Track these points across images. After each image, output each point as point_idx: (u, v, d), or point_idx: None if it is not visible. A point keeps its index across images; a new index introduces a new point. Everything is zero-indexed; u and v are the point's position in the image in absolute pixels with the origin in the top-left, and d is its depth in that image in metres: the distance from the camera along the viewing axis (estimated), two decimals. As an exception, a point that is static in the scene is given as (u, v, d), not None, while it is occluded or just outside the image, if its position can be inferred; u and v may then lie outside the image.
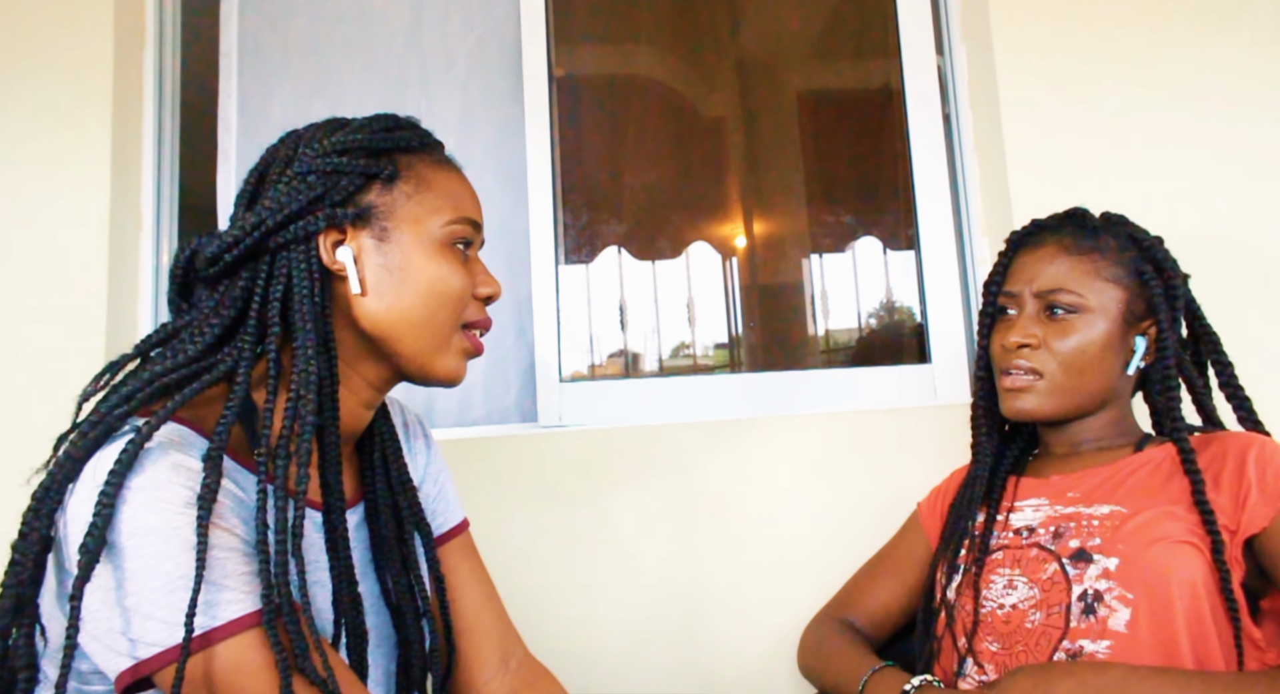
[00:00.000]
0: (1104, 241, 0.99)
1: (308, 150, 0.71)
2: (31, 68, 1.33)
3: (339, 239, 0.72)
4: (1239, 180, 1.38)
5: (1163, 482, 0.91)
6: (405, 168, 0.74)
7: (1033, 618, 0.89)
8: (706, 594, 1.30)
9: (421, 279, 0.72)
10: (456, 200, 0.76)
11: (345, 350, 0.74)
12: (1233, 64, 1.41)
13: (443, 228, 0.74)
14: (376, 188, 0.73)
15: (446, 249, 0.74)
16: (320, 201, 0.70)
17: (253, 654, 0.58)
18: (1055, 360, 0.96)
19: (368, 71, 1.52)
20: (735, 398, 1.44)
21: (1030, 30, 1.41)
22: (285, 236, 0.69)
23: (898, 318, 1.60)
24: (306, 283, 0.69)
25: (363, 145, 0.72)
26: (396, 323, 0.72)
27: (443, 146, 0.80)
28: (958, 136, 1.51)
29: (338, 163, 0.70)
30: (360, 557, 0.78)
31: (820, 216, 1.64)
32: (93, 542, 0.55)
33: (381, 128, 0.75)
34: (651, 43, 1.65)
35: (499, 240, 1.48)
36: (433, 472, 0.91)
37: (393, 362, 0.75)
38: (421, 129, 0.78)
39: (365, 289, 0.72)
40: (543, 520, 1.29)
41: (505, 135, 1.51)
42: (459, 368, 0.77)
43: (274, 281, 0.69)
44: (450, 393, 1.46)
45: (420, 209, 0.73)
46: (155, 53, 1.45)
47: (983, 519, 1.00)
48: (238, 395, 0.64)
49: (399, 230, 0.73)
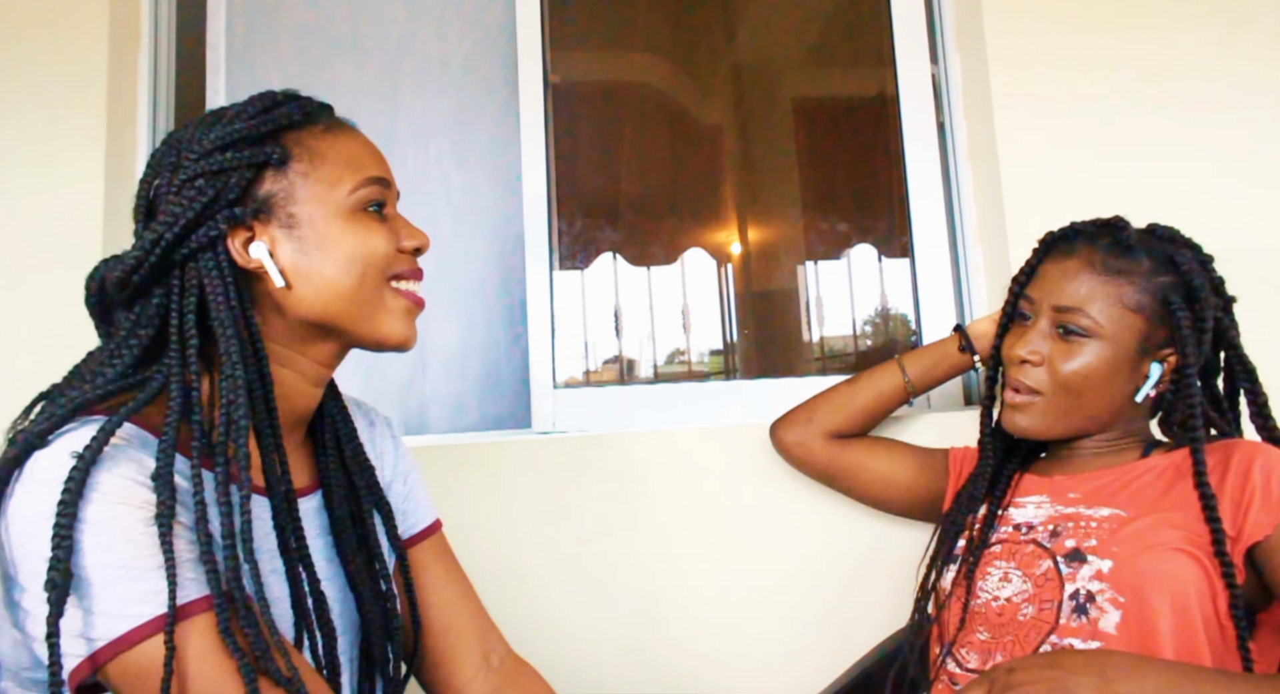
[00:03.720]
0: (1136, 263, 0.94)
1: (189, 153, 0.68)
2: (26, 68, 1.32)
3: (248, 236, 0.69)
4: (1235, 186, 1.39)
5: (1165, 488, 0.90)
6: (294, 145, 0.71)
7: (1025, 611, 0.89)
8: (699, 601, 1.29)
9: (341, 252, 0.71)
10: (355, 164, 0.73)
11: (289, 340, 0.72)
12: (1228, 71, 1.42)
13: (349, 197, 0.72)
14: (270, 175, 0.70)
15: (359, 215, 0.72)
16: (215, 204, 0.67)
17: (202, 639, 0.58)
18: (1055, 381, 0.94)
19: (360, 72, 1.52)
20: (730, 404, 1.44)
21: (1024, 39, 1.42)
22: (189, 247, 0.67)
23: (892, 325, 1.61)
24: (220, 289, 0.67)
25: (244, 135, 0.69)
26: (329, 303, 0.71)
27: (330, 110, 0.77)
28: (952, 145, 1.51)
29: (223, 160, 0.67)
30: (324, 542, 0.77)
31: (815, 224, 1.64)
32: (59, 576, 0.54)
33: (260, 110, 0.71)
34: (647, 49, 1.65)
35: (493, 246, 1.48)
36: (402, 470, 0.90)
37: (338, 338, 0.74)
38: (303, 99, 0.75)
39: (289, 281, 0.70)
40: (536, 526, 1.28)
41: (500, 140, 1.51)
42: (407, 329, 0.75)
43: (187, 294, 0.67)
44: (445, 398, 1.46)
45: (321, 185, 0.71)
46: (150, 52, 1.45)
47: (983, 512, 1.00)
48: (174, 412, 0.62)
49: (305, 212, 0.70)
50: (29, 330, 1.27)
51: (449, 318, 1.49)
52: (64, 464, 0.57)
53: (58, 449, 0.59)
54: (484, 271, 1.50)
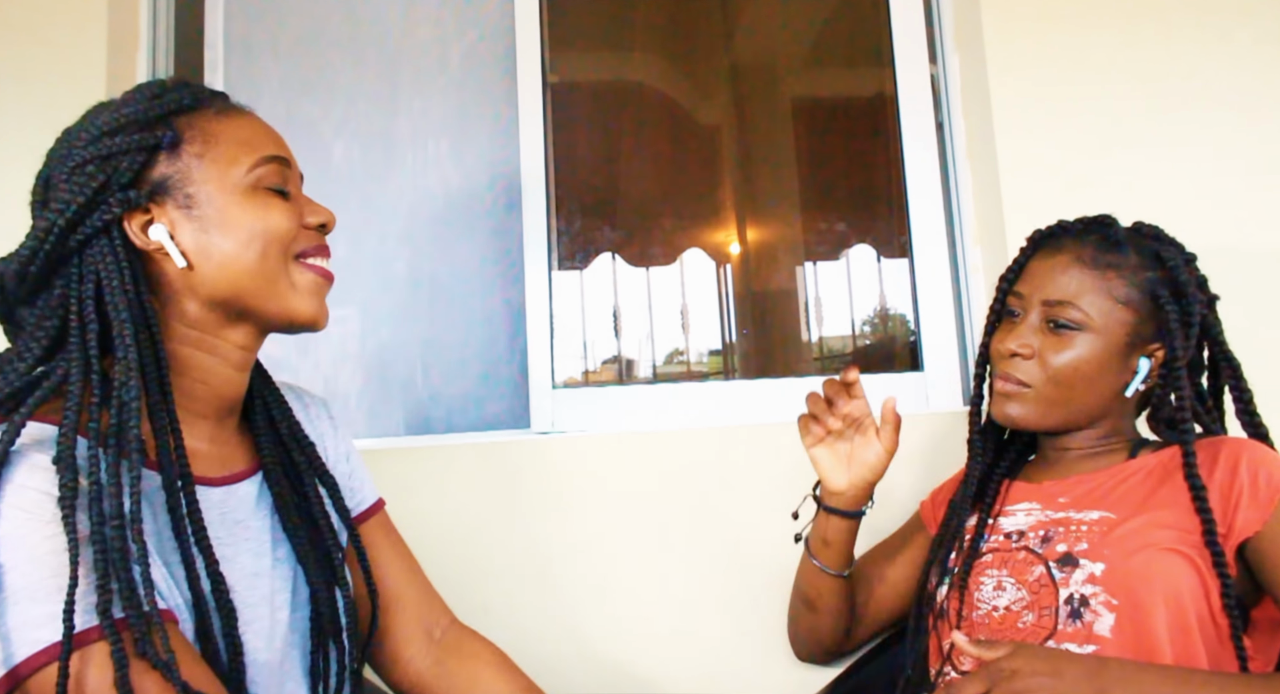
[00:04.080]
0: (1124, 258, 0.95)
1: (76, 142, 0.68)
2: (25, 68, 1.32)
3: (147, 219, 0.69)
4: (1234, 186, 1.39)
5: (1153, 488, 0.91)
6: (187, 128, 0.71)
7: (1025, 619, 0.89)
8: (699, 601, 1.29)
9: (242, 228, 0.71)
10: (251, 144, 0.73)
11: (202, 324, 0.72)
12: (1226, 70, 1.42)
13: (247, 176, 0.72)
14: (163, 158, 0.70)
15: (258, 193, 0.72)
16: (107, 188, 0.67)
17: (99, 672, 0.58)
18: (1046, 374, 0.95)
19: (359, 72, 1.52)
20: (729, 405, 1.44)
21: (1023, 39, 1.42)
22: (84, 233, 0.66)
23: (890, 325, 1.61)
24: (114, 273, 0.66)
25: (133, 119, 0.68)
26: (234, 280, 0.71)
27: (224, 96, 0.77)
28: (951, 144, 1.51)
29: (111, 144, 0.67)
30: (272, 521, 0.78)
31: (814, 224, 1.65)
32: None
33: (149, 96, 0.71)
34: (646, 49, 1.65)
35: (493, 246, 1.48)
36: (342, 451, 0.90)
37: (251, 319, 0.74)
38: (194, 85, 0.75)
39: (191, 261, 0.70)
40: (535, 526, 1.28)
41: (499, 140, 1.51)
42: (317, 307, 0.76)
43: (85, 280, 0.66)
44: (443, 398, 1.46)
45: (217, 165, 0.71)
46: (148, 52, 1.45)
47: (974, 522, 1.01)
48: (72, 402, 0.62)
49: (203, 193, 0.70)
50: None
51: (448, 317, 1.49)
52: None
53: None
54: (483, 271, 1.50)
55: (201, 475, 0.72)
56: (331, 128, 1.50)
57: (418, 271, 1.49)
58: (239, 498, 0.76)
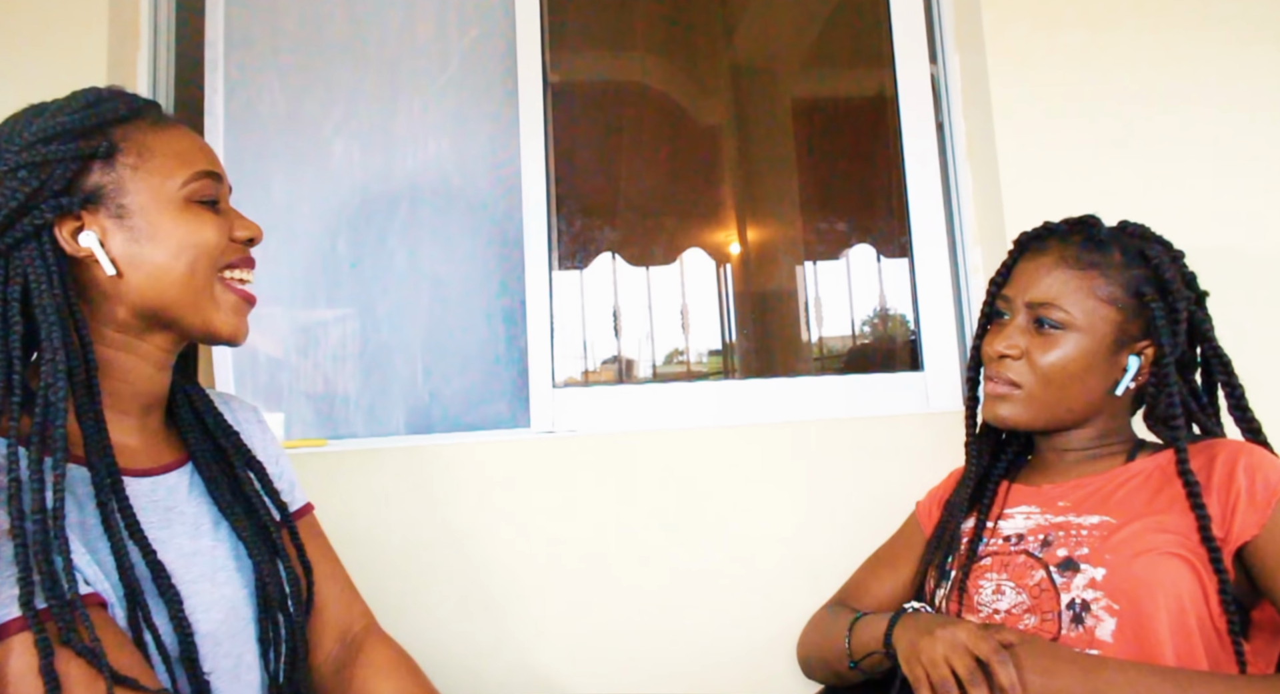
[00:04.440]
0: (1108, 256, 0.96)
1: (10, 146, 0.69)
2: (25, 67, 1.32)
3: (77, 226, 0.71)
4: (1235, 187, 1.39)
5: (1153, 493, 0.91)
6: (122, 139, 0.73)
7: (1026, 622, 0.89)
8: (699, 600, 1.29)
9: (172, 241, 0.73)
10: (185, 158, 0.75)
11: (126, 328, 0.74)
12: (1227, 71, 1.42)
13: (180, 190, 0.74)
14: (97, 167, 0.71)
15: (190, 207, 0.74)
16: (39, 194, 0.68)
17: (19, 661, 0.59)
18: (1034, 374, 0.96)
19: (359, 71, 1.52)
20: (728, 404, 1.44)
21: (1023, 39, 1.42)
22: (13, 236, 0.67)
23: (890, 325, 1.61)
24: (44, 278, 0.68)
25: (69, 127, 0.70)
26: (162, 291, 0.73)
27: (158, 107, 0.78)
28: (951, 145, 1.51)
29: (47, 152, 0.68)
30: (207, 506, 0.80)
31: (814, 224, 1.65)
32: None
33: (85, 104, 0.72)
34: (647, 50, 1.65)
35: (493, 245, 1.48)
36: (271, 453, 0.92)
37: (174, 328, 0.76)
38: (129, 95, 0.76)
39: (120, 269, 0.72)
40: (536, 525, 1.28)
41: (499, 140, 1.51)
42: (237, 324, 0.78)
43: (11, 282, 0.67)
44: (444, 397, 1.46)
45: (151, 178, 0.73)
46: (149, 51, 1.45)
47: (972, 524, 1.01)
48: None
49: (135, 203, 0.72)
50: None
51: (448, 317, 1.49)
52: None
53: None
54: (483, 271, 1.50)
55: (129, 467, 0.74)
56: (331, 127, 1.50)
57: (418, 271, 1.49)
58: (168, 487, 0.78)
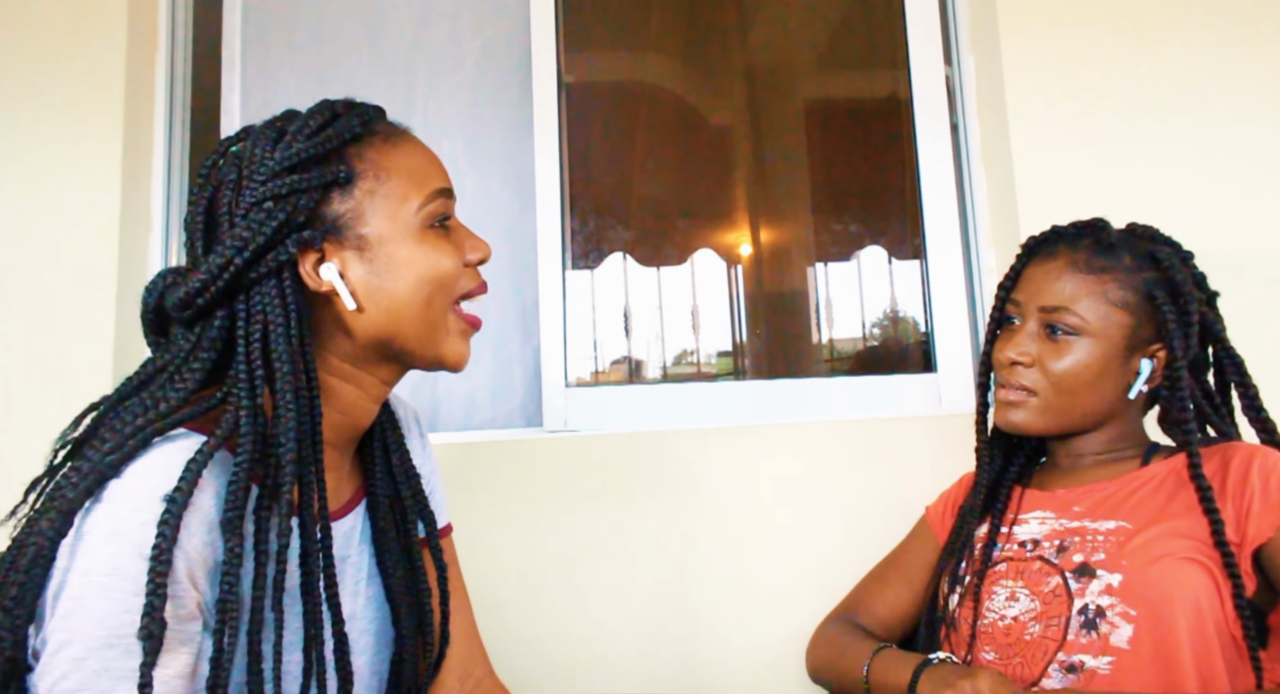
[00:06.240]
0: (1118, 260, 0.95)
1: (256, 174, 0.66)
2: (45, 69, 1.33)
3: (319, 258, 0.68)
4: (1251, 190, 1.38)
5: (1167, 498, 0.90)
6: (358, 161, 0.70)
7: (1031, 630, 0.89)
8: (711, 600, 1.29)
9: (413, 273, 0.70)
10: (421, 177, 0.72)
11: (355, 360, 0.72)
12: (1242, 72, 1.41)
13: (417, 214, 0.70)
14: (337, 194, 0.69)
15: (427, 233, 0.71)
16: (285, 228, 0.66)
17: None
18: (1048, 380, 0.95)
19: (374, 71, 1.53)
20: (739, 405, 1.44)
21: (1038, 40, 1.42)
22: (258, 271, 0.65)
23: (902, 327, 1.60)
24: (282, 317, 0.65)
25: (310, 154, 0.67)
26: (399, 323, 0.70)
27: (384, 114, 0.75)
28: (965, 146, 1.51)
29: (292, 182, 0.66)
30: (367, 554, 0.76)
31: (826, 225, 1.64)
32: (154, 626, 0.53)
33: (320, 125, 0.69)
34: (660, 50, 1.65)
35: (506, 245, 1.49)
36: (427, 472, 0.88)
37: (401, 359, 0.73)
38: (359, 106, 0.73)
39: (359, 303, 0.69)
40: (546, 524, 1.29)
41: (513, 140, 1.52)
42: (464, 350, 0.75)
43: (253, 320, 0.65)
44: (456, 396, 1.47)
45: (389, 202, 0.70)
46: (167, 55, 1.46)
47: (986, 530, 1.00)
48: (244, 457, 0.61)
49: (375, 233, 0.69)
50: (41, 330, 1.28)
51: (461, 316, 1.49)
52: (155, 492, 0.56)
53: (142, 473, 0.57)
54: (496, 270, 1.50)
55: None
56: (346, 126, 1.51)
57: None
58: (345, 532, 0.74)
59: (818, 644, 1.12)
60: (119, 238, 1.31)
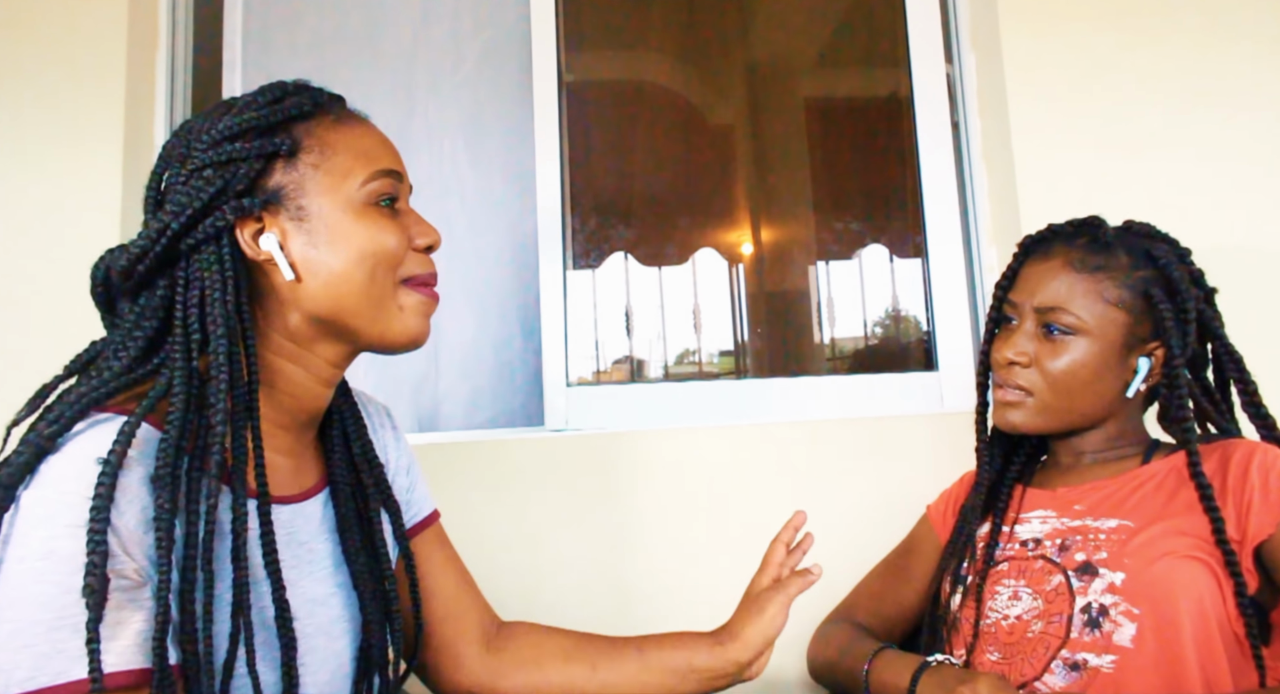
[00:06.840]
0: (1115, 258, 0.95)
1: (198, 143, 0.67)
2: (46, 67, 1.33)
3: (258, 228, 0.68)
4: (1252, 188, 1.38)
5: (1169, 495, 0.90)
6: (305, 136, 0.70)
7: (1034, 628, 0.89)
8: (712, 598, 1.29)
9: (352, 247, 0.69)
10: (367, 156, 0.72)
11: (299, 337, 0.71)
12: (1243, 71, 1.41)
13: (360, 189, 0.70)
14: (280, 166, 0.68)
15: (371, 209, 0.71)
16: (223, 194, 0.66)
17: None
18: (1045, 380, 0.95)
19: (375, 70, 1.53)
20: (740, 404, 1.44)
21: (1039, 39, 1.42)
22: (195, 238, 0.65)
23: (904, 325, 1.60)
24: (219, 284, 0.65)
25: (254, 125, 0.67)
26: (340, 298, 0.69)
27: (341, 101, 0.75)
28: (966, 144, 1.51)
29: (231, 150, 0.66)
30: (330, 541, 0.76)
31: (827, 224, 1.64)
32: (95, 582, 0.53)
33: (270, 100, 0.70)
34: (661, 49, 1.65)
35: (507, 244, 1.49)
36: (404, 463, 0.89)
37: (347, 338, 0.72)
38: (314, 89, 0.73)
39: (298, 274, 0.69)
40: (548, 524, 1.29)
41: (514, 139, 1.51)
42: (418, 327, 0.74)
43: (190, 287, 0.66)
44: (458, 395, 1.46)
45: (331, 177, 0.69)
46: (167, 55, 1.46)
47: (988, 529, 1.00)
48: (174, 418, 0.61)
49: (316, 204, 0.69)
50: (42, 327, 1.28)
51: (462, 316, 1.49)
52: (83, 470, 0.56)
53: (71, 453, 0.58)
54: (497, 270, 1.50)
55: (274, 492, 0.70)
56: (347, 126, 1.51)
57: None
58: (305, 517, 0.74)
59: (818, 643, 1.12)
60: (119, 238, 1.31)
